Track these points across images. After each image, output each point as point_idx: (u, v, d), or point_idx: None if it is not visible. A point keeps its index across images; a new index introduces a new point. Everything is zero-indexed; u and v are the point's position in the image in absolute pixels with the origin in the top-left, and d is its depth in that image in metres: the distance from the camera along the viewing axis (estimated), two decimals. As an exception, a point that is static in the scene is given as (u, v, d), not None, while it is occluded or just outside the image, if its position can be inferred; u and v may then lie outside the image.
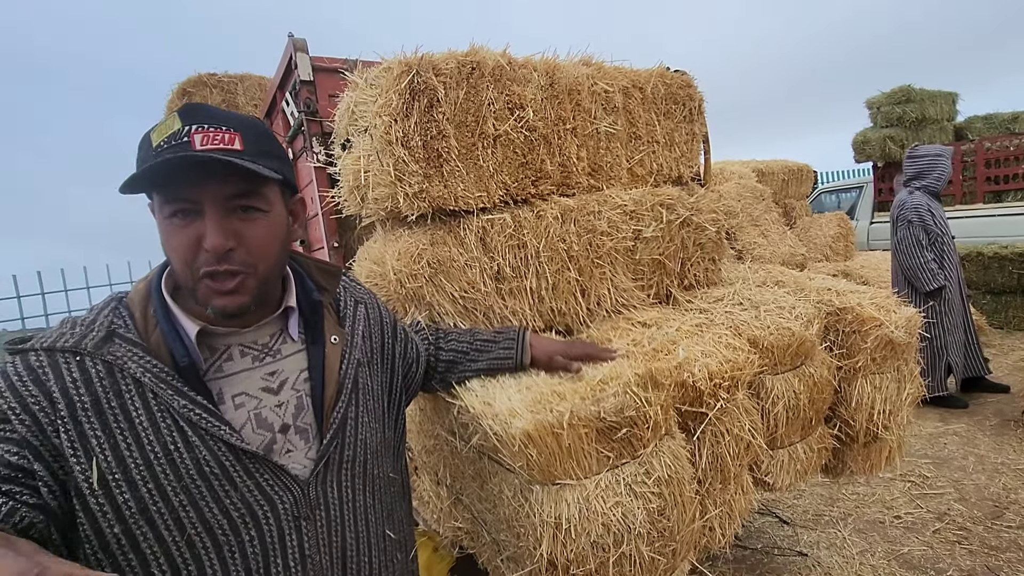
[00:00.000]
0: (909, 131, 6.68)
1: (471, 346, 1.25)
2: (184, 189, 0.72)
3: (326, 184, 1.70)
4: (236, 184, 0.74)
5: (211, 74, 3.06)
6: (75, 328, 0.73)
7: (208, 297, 0.75)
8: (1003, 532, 2.32)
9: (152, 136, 0.71)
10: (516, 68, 1.57)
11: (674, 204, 1.81)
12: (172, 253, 0.74)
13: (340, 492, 0.85)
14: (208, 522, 0.72)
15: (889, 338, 1.72)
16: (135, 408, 0.71)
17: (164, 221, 0.74)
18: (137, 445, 0.70)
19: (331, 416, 0.84)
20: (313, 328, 0.88)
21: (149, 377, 0.72)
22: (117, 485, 0.68)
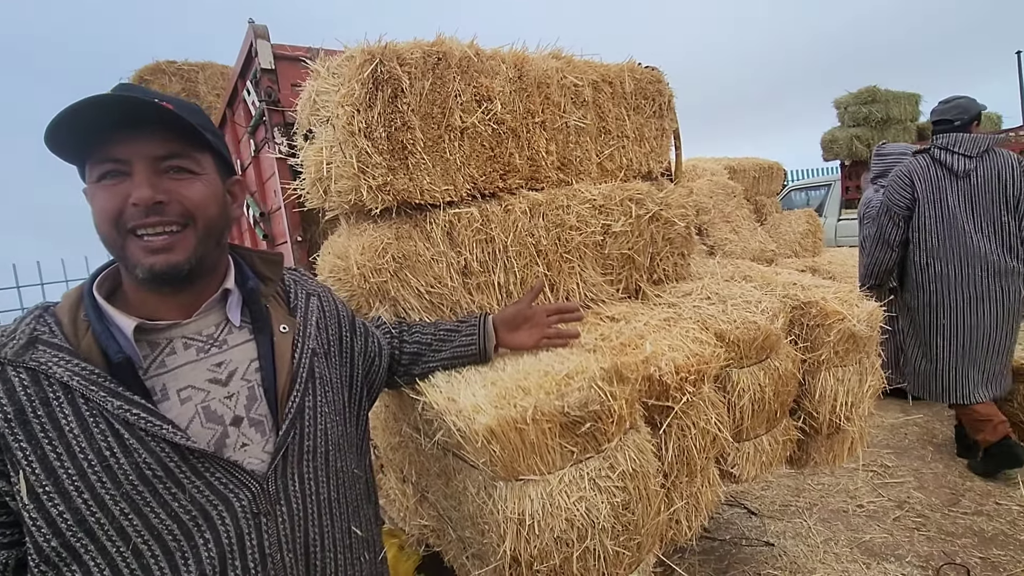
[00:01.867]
0: (875, 131, 6.86)
1: (434, 337, 1.23)
2: (112, 148, 0.70)
3: (288, 176, 1.65)
4: (168, 145, 0.72)
5: (170, 61, 2.94)
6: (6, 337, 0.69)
7: (137, 256, 0.71)
8: (959, 518, 2.40)
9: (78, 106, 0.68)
10: (484, 60, 1.55)
11: (643, 199, 1.81)
12: (99, 216, 0.71)
13: (302, 485, 0.81)
14: (155, 528, 0.69)
15: (851, 332, 1.75)
16: (64, 415, 0.67)
17: (93, 187, 0.72)
18: (68, 454, 0.66)
19: (287, 405, 0.81)
20: (257, 317, 0.85)
21: (78, 381, 0.68)
22: (49, 497, 0.65)
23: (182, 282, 0.76)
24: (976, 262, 2.75)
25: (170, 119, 0.71)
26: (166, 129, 0.72)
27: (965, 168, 2.80)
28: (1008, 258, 2.73)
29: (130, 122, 0.70)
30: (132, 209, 0.70)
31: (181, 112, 0.72)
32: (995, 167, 2.76)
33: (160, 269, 0.72)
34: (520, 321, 1.31)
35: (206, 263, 0.78)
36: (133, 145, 0.70)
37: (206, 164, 0.78)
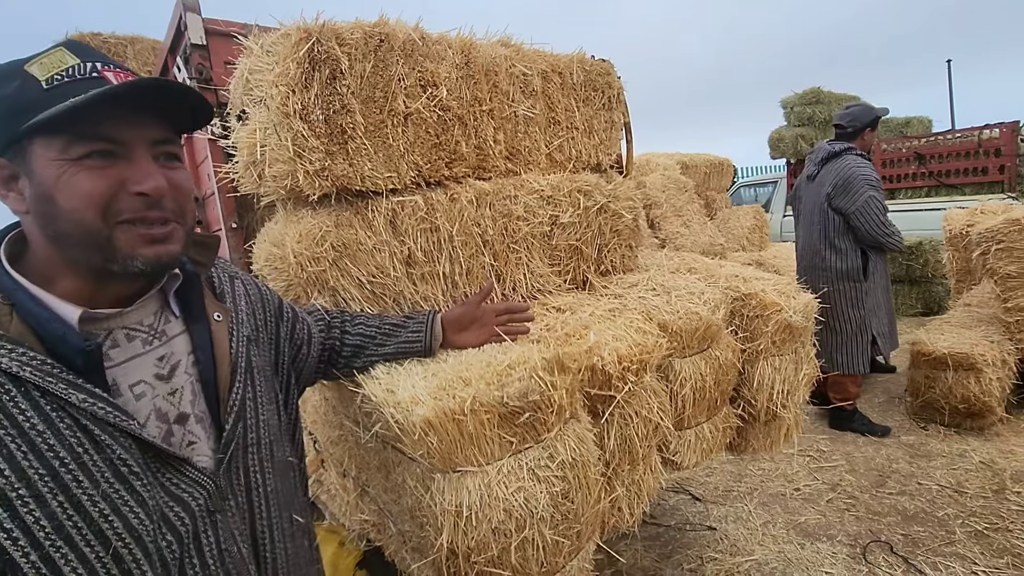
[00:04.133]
0: (818, 130, 7.16)
1: (379, 331, 1.20)
2: (109, 127, 0.62)
3: (222, 159, 1.57)
4: (164, 128, 0.67)
5: (95, 34, 2.73)
6: None
7: (134, 247, 0.64)
8: (885, 498, 2.55)
9: (33, 71, 0.60)
10: (429, 44, 1.51)
11: (592, 191, 1.82)
12: (75, 199, 0.61)
13: (248, 478, 0.78)
14: (136, 530, 0.62)
15: (788, 322, 1.81)
16: (21, 411, 0.58)
17: (68, 164, 0.61)
18: (35, 453, 0.57)
19: (230, 399, 0.77)
20: (191, 305, 0.78)
21: (30, 372, 0.59)
22: (24, 503, 0.56)
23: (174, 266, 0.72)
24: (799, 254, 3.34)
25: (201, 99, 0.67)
26: (164, 111, 0.66)
27: (811, 172, 3.17)
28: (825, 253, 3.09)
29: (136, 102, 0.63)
30: (132, 199, 0.63)
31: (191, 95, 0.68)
32: (829, 172, 3.09)
33: (165, 261, 0.67)
34: (468, 321, 1.30)
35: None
36: (134, 126, 0.63)
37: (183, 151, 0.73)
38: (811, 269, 3.23)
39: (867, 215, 2.94)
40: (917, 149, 6.01)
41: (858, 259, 3.05)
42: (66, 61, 0.61)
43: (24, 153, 0.61)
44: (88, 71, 0.62)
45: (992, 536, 2.20)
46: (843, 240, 3.07)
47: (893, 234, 2.98)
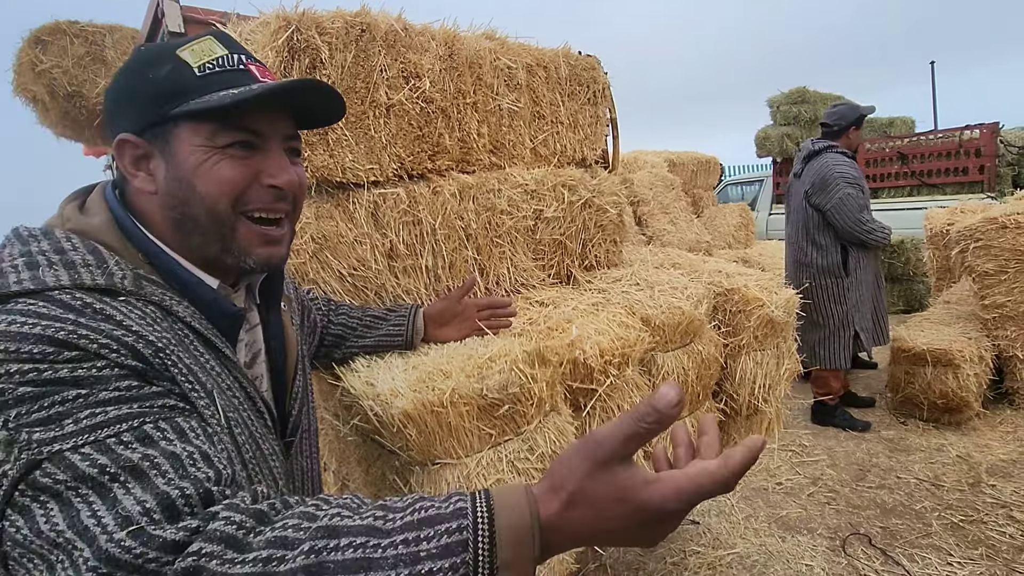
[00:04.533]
0: (804, 129, 7.23)
1: (360, 322, 1.19)
2: (253, 119, 0.62)
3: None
4: (292, 125, 0.67)
5: (72, 21, 2.67)
6: (79, 268, 0.54)
7: (251, 244, 0.64)
8: (864, 492, 2.58)
9: (185, 56, 0.60)
10: (412, 35, 1.49)
11: (576, 185, 1.82)
12: (213, 185, 0.61)
13: (303, 463, 0.80)
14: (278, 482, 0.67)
15: (770, 317, 1.83)
16: (200, 353, 0.59)
17: (212, 151, 0.61)
18: (219, 390, 0.59)
19: (293, 387, 0.78)
20: (270, 294, 0.77)
21: (199, 323, 0.60)
22: (236, 423, 0.60)
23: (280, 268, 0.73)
24: (787, 251, 3.37)
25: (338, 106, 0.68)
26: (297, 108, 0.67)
27: (797, 171, 3.23)
28: (807, 249, 3.16)
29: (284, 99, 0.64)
30: (264, 191, 0.63)
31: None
32: (810, 170, 3.16)
33: (275, 263, 0.67)
34: (449, 316, 1.28)
35: None
36: (273, 121, 0.64)
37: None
38: (796, 265, 3.28)
39: (842, 211, 3.00)
40: (900, 149, 6.09)
41: (838, 255, 3.10)
42: (215, 51, 0.62)
43: (166, 135, 0.60)
44: (236, 63, 0.62)
45: (967, 528, 2.24)
46: (823, 236, 3.13)
47: (873, 230, 3.02)
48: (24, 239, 0.55)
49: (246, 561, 0.40)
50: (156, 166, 0.61)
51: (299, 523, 0.43)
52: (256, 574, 0.39)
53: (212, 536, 0.41)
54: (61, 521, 0.41)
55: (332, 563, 0.40)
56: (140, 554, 0.39)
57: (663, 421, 0.40)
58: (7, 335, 0.45)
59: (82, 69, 2.73)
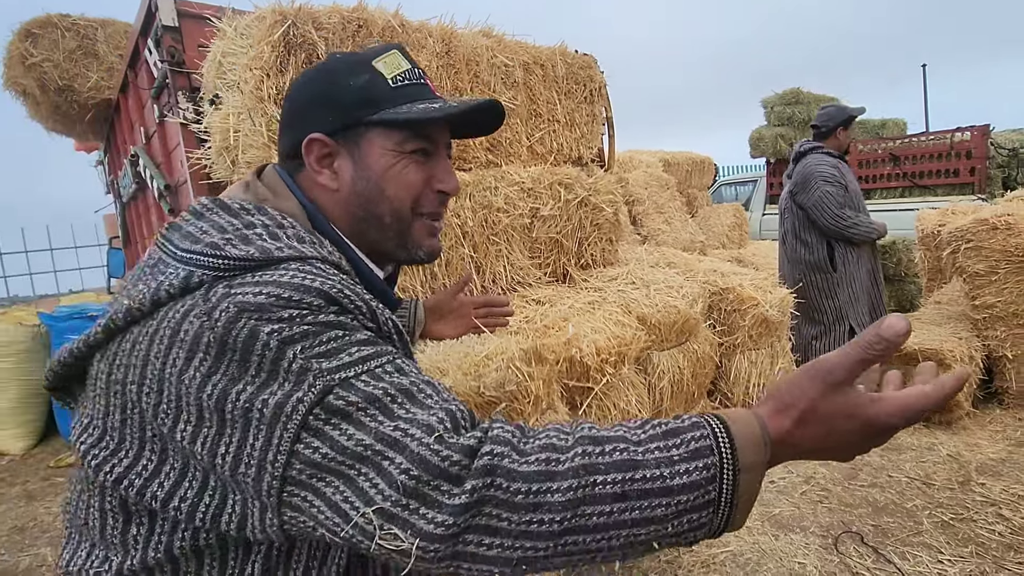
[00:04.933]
0: (797, 130, 7.26)
1: None
2: (436, 130, 0.68)
3: (195, 145, 1.53)
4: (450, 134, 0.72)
5: (63, 15, 2.64)
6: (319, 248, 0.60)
7: (422, 237, 0.70)
8: (856, 491, 2.60)
9: (380, 68, 0.65)
10: (409, 31, 1.49)
11: (572, 184, 1.82)
12: (400, 188, 0.66)
13: None
14: None
15: (764, 316, 1.84)
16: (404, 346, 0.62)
17: (400, 156, 0.66)
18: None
19: None
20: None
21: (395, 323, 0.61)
22: None
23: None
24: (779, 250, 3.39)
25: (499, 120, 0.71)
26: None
27: (789, 171, 3.30)
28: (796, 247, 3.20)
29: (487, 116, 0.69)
30: (433, 195, 0.68)
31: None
32: (796, 170, 3.25)
33: (437, 251, 0.72)
34: (445, 311, 1.23)
35: None
36: (443, 131, 0.69)
37: None
38: (789, 263, 3.34)
39: (821, 208, 3.08)
40: (892, 150, 6.14)
41: (824, 251, 3.18)
42: (403, 64, 0.66)
43: (357, 139, 0.65)
44: (417, 76, 0.66)
45: (957, 526, 2.26)
46: (808, 234, 3.21)
47: (854, 225, 3.07)
48: (235, 211, 0.59)
49: (529, 462, 0.45)
50: (341, 166, 0.65)
51: (558, 434, 0.48)
52: (540, 472, 0.44)
53: (497, 439, 0.46)
54: (366, 436, 0.45)
55: (602, 464, 0.45)
56: (446, 456, 0.44)
57: (889, 349, 0.45)
58: (290, 285, 0.51)
59: (73, 63, 2.70)
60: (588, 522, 0.44)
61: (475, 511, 0.44)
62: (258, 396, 0.47)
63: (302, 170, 0.66)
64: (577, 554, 0.46)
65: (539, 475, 0.44)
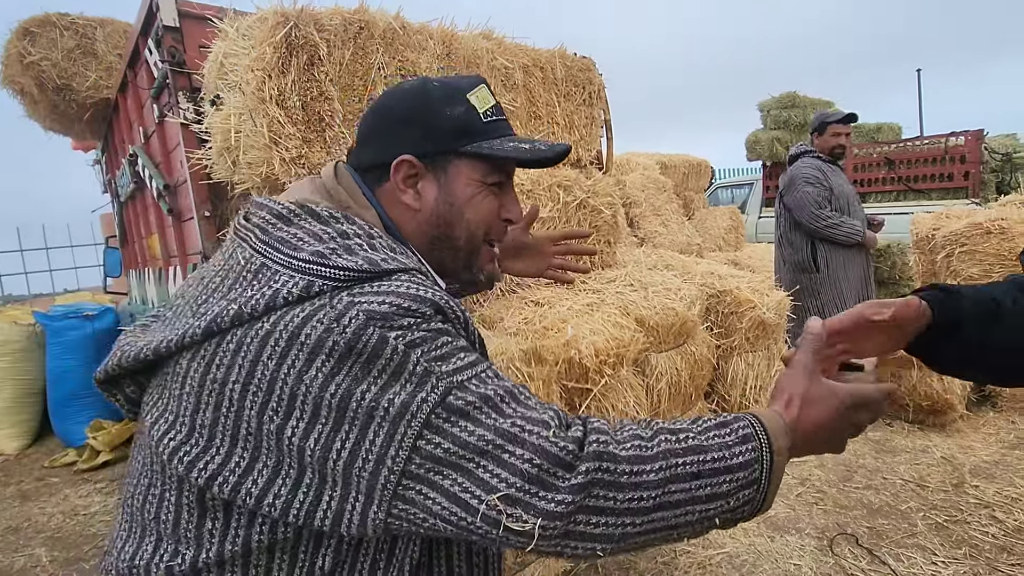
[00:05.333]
0: (793, 134, 7.30)
1: None
2: (511, 166, 0.74)
3: (195, 145, 1.53)
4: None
5: (62, 14, 2.62)
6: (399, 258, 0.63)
7: (487, 262, 0.75)
8: (851, 492, 2.62)
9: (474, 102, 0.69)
10: (410, 33, 1.50)
11: (571, 186, 1.83)
12: (479, 216, 0.71)
13: None
14: None
15: (761, 319, 1.85)
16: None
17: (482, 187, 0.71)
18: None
19: None
20: None
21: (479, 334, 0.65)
22: None
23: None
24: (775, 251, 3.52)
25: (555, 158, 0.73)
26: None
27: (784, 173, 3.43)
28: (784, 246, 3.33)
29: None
30: (501, 224, 0.74)
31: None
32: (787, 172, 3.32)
33: (497, 277, 0.77)
34: (519, 247, 1.08)
35: None
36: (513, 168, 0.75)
37: None
38: (781, 263, 3.43)
39: (800, 208, 3.20)
40: (887, 155, 6.18)
41: (808, 251, 3.27)
42: (490, 100, 0.70)
43: (446, 165, 0.69)
44: (501, 113, 0.71)
45: (951, 528, 2.28)
46: (794, 234, 3.32)
47: (834, 225, 3.14)
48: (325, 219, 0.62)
49: (626, 448, 0.52)
50: (425, 187, 0.69)
51: (638, 427, 0.56)
52: (636, 456, 0.52)
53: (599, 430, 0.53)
54: (487, 432, 0.50)
55: (680, 448, 0.54)
56: (563, 447, 0.50)
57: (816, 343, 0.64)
58: (407, 295, 0.55)
59: (72, 62, 2.69)
60: (673, 498, 0.52)
61: (587, 492, 0.49)
62: (383, 396, 0.50)
63: (383, 184, 0.69)
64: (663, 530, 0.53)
65: (636, 459, 0.52)
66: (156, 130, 1.87)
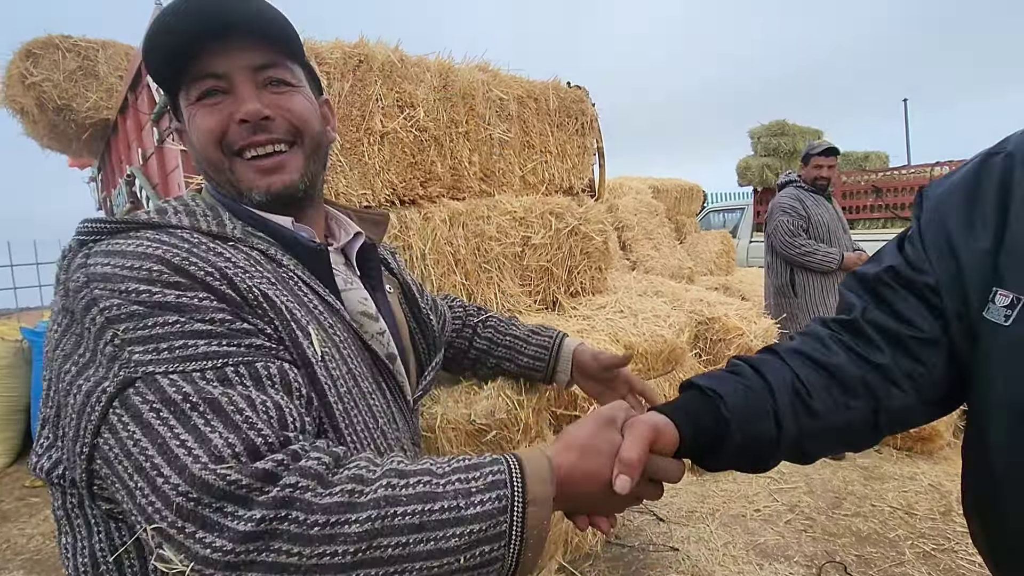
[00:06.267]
0: (783, 161, 7.45)
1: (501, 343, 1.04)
2: (208, 61, 0.62)
3: (193, 170, 1.55)
4: (265, 53, 0.64)
5: (65, 36, 2.67)
6: (199, 216, 0.60)
7: (250, 179, 0.64)
8: (840, 520, 2.62)
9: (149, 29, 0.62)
10: (408, 66, 1.54)
11: (563, 213, 1.87)
12: (202, 138, 0.63)
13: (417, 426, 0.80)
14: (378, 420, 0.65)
15: (749, 346, 1.88)
16: (304, 294, 0.61)
17: (192, 109, 0.63)
18: (323, 327, 0.60)
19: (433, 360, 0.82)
20: (371, 273, 0.77)
21: (300, 270, 0.62)
22: (331, 357, 0.59)
23: (299, 204, 0.69)
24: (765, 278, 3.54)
25: (267, 19, 0.63)
26: (258, 37, 0.64)
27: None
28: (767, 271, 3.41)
29: (222, 26, 0.61)
30: (237, 127, 0.63)
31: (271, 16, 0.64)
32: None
33: (277, 190, 0.65)
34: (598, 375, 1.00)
35: (316, 185, 0.72)
36: (229, 57, 0.62)
37: (301, 76, 0.70)
38: (767, 287, 3.56)
39: (776, 235, 3.33)
40: (875, 183, 6.31)
41: (787, 276, 3.38)
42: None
43: (177, 106, 0.65)
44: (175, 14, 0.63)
45: (939, 556, 2.28)
46: (774, 259, 3.46)
47: (807, 253, 3.26)
48: (163, 203, 0.62)
49: (332, 493, 0.44)
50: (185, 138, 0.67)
51: (369, 465, 0.49)
52: (342, 503, 0.44)
53: (305, 471, 0.45)
54: (149, 444, 0.43)
55: (404, 496, 0.46)
56: (233, 480, 0.42)
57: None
58: (133, 254, 0.50)
59: (73, 83, 2.73)
60: (383, 554, 0.44)
61: (262, 544, 0.41)
62: (79, 377, 0.47)
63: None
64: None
65: (340, 506, 0.44)
66: (155, 152, 1.90)
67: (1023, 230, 0.60)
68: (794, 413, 0.62)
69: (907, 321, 0.65)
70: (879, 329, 0.67)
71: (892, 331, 0.66)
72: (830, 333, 0.69)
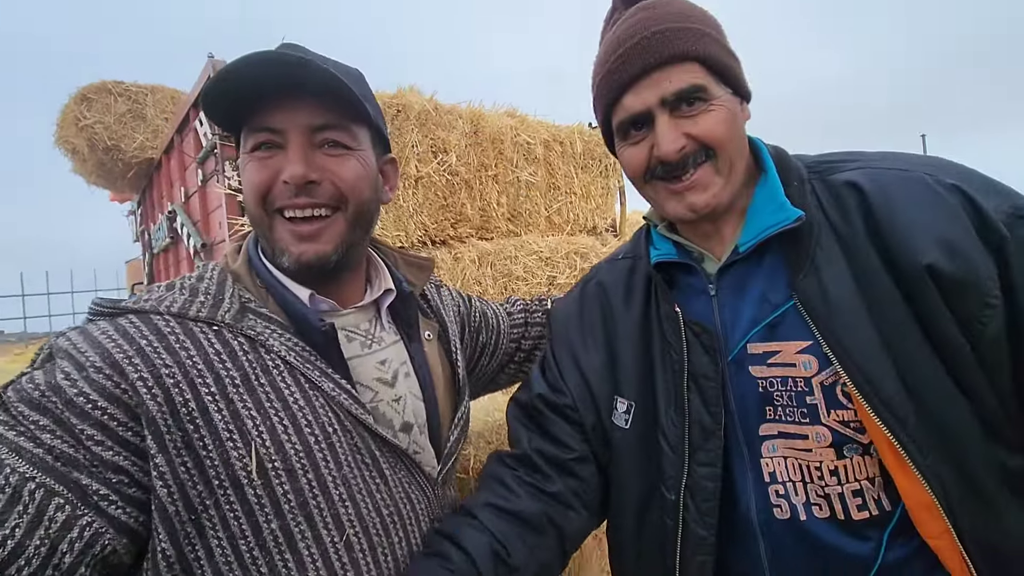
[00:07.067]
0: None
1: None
2: (268, 115, 0.63)
3: (236, 211, 1.63)
4: (325, 114, 0.64)
5: (117, 82, 2.87)
6: (197, 297, 0.61)
7: (285, 241, 0.64)
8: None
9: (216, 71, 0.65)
10: (441, 113, 1.62)
11: (588, 252, 1.91)
12: (247, 191, 0.64)
13: (451, 490, 0.79)
14: (364, 520, 0.62)
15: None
16: (287, 387, 0.61)
17: (245, 158, 0.65)
18: (295, 428, 0.60)
19: (456, 414, 0.79)
20: (407, 323, 0.77)
21: (294, 356, 0.62)
22: (276, 474, 0.58)
23: (329, 273, 0.68)
24: None
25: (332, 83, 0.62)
26: (324, 96, 0.63)
27: None
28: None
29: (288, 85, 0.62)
30: (282, 187, 0.63)
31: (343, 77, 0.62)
32: None
33: (307, 260, 0.64)
34: None
35: (354, 254, 0.70)
36: (289, 113, 0.63)
37: (363, 139, 0.68)
38: None
39: None
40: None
41: None
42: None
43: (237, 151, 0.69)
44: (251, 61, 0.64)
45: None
46: None
47: None
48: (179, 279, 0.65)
49: None
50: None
51: None
52: None
53: None
54: None
55: None
56: None
57: None
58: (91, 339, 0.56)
59: (123, 125, 2.90)
60: None
61: None
62: None
63: None
64: None
65: None
66: (198, 191, 2.00)
67: (626, 350, 0.74)
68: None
69: (563, 445, 0.75)
70: (545, 458, 0.76)
71: (554, 457, 0.75)
72: (511, 473, 0.76)
